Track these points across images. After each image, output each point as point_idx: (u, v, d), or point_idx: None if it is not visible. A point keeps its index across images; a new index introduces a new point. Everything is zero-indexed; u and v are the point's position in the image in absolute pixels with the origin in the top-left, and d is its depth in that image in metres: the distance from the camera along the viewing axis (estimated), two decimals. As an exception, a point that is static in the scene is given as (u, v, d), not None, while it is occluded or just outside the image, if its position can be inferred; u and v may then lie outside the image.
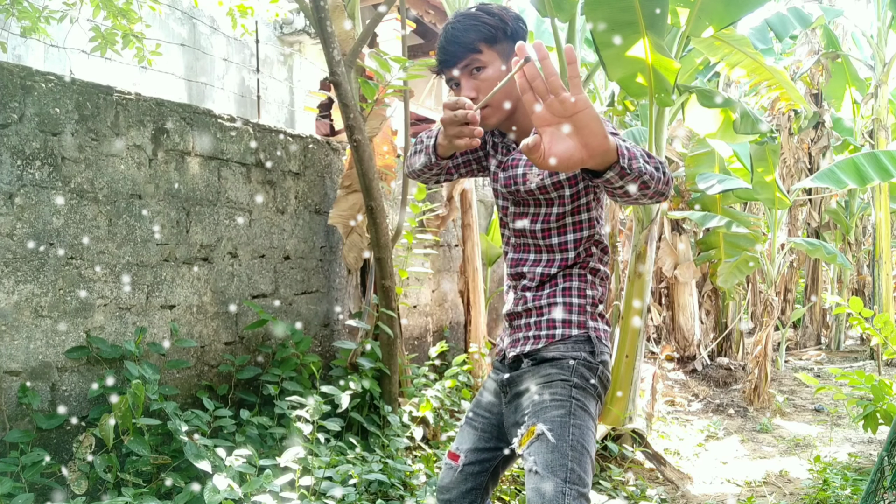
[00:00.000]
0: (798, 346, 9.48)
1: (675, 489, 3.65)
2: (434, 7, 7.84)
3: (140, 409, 2.39)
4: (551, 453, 1.51)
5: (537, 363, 1.66)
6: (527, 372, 1.67)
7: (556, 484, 1.47)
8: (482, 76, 1.63)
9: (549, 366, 1.64)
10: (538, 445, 1.53)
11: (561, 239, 1.68)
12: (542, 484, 1.48)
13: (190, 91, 6.92)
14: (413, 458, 3.43)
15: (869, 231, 10.65)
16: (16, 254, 2.37)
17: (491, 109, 1.64)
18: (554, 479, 1.48)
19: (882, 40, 7.79)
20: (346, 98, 3.30)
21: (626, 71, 3.75)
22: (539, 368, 1.65)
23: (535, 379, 1.64)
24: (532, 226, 1.70)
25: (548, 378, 1.62)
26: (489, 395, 1.80)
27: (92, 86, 2.62)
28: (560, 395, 1.58)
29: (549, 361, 1.65)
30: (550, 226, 1.68)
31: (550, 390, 1.60)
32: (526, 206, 1.71)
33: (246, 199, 3.27)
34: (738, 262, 6.37)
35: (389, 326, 3.49)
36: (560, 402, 1.57)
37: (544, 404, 1.58)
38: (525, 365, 1.68)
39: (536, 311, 1.69)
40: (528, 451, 1.55)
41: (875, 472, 2.34)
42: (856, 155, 6.28)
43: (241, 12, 4.77)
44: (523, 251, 1.75)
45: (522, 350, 1.70)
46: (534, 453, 1.53)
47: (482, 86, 1.63)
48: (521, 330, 1.72)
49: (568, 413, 1.55)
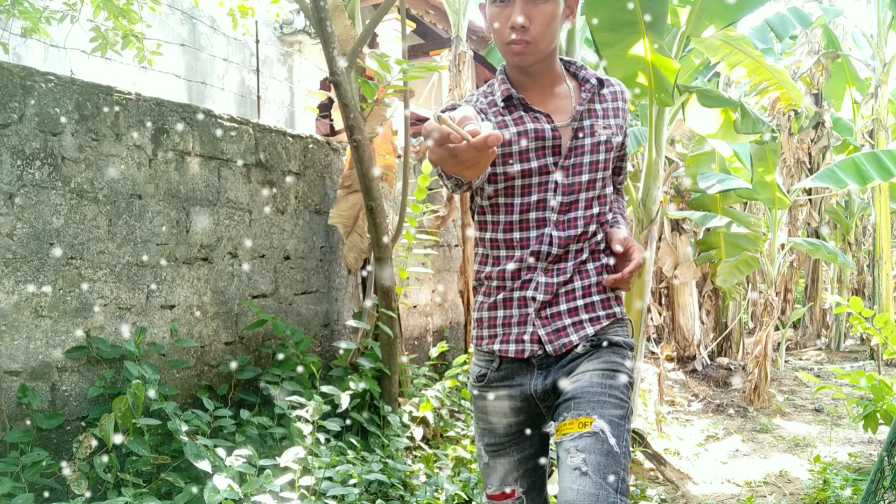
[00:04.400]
0: (798, 346, 9.48)
1: (675, 489, 3.65)
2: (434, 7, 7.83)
3: (140, 409, 2.39)
4: (605, 457, 1.38)
5: (597, 346, 1.51)
6: (582, 356, 1.51)
7: (609, 493, 1.34)
8: (543, 7, 1.46)
9: (611, 352, 1.51)
10: (592, 443, 1.39)
11: (599, 209, 1.57)
12: (595, 490, 1.34)
13: (190, 91, 6.92)
14: (413, 458, 3.43)
15: (869, 231, 10.64)
16: (16, 254, 2.37)
17: (534, 46, 1.47)
18: (606, 486, 1.35)
19: (882, 40, 7.79)
20: (346, 98, 3.30)
21: (626, 71, 3.75)
22: (600, 353, 1.50)
23: (593, 363, 1.49)
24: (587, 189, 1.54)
25: (612, 367, 1.48)
26: (501, 419, 1.58)
27: (92, 86, 2.62)
28: (621, 394, 1.46)
29: (612, 347, 1.51)
30: (596, 193, 1.55)
31: (613, 382, 1.46)
32: (579, 167, 1.53)
33: (246, 199, 3.27)
34: (738, 262, 6.37)
35: (389, 326, 3.49)
36: (620, 402, 1.45)
37: (603, 398, 1.44)
38: (581, 348, 1.51)
39: (584, 290, 1.54)
40: (575, 444, 1.40)
41: (875, 472, 2.34)
42: (856, 155, 6.28)
43: (242, 13, 4.77)
44: (567, 226, 1.53)
45: (584, 334, 1.51)
46: (585, 451, 1.38)
47: (538, 18, 1.45)
48: (563, 316, 1.53)
49: (625, 416, 1.44)
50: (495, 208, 1.56)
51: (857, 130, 8.85)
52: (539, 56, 1.51)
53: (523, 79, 1.58)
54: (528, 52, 1.48)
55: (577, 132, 1.54)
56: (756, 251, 6.39)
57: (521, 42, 1.47)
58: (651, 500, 3.38)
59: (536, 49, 1.48)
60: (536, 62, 1.52)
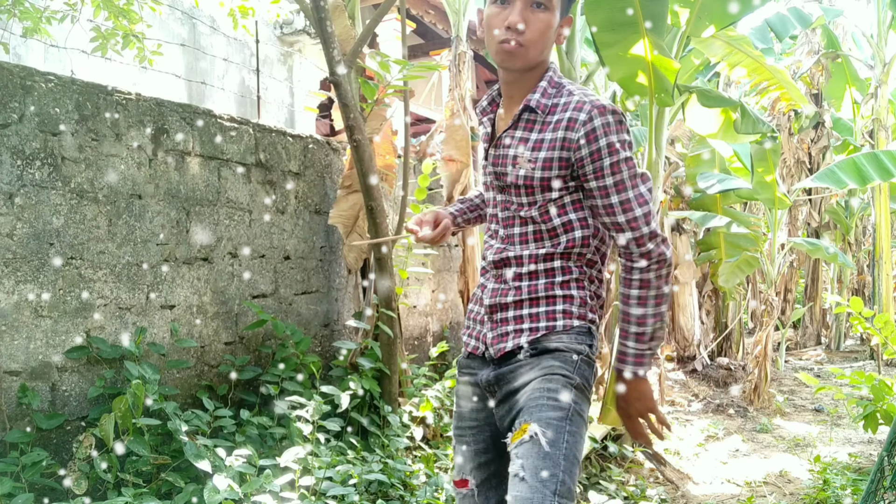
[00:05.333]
0: (798, 346, 9.48)
1: (675, 489, 3.65)
2: (434, 7, 7.83)
3: (140, 409, 2.39)
4: (542, 460, 1.39)
5: (537, 353, 1.53)
6: (524, 364, 1.53)
7: (545, 496, 1.35)
8: (540, 15, 1.49)
9: (550, 357, 1.51)
10: (529, 448, 1.41)
11: (555, 224, 1.55)
12: (529, 493, 1.36)
13: (190, 91, 6.92)
14: (413, 458, 3.43)
15: (869, 231, 10.64)
16: (16, 254, 2.37)
17: (525, 50, 1.49)
18: (543, 490, 1.36)
19: (882, 40, 7.79)
20: (346, 98, 3.30)
21: (626, 71, 3.75)
22: (539, 360, 1.52)
23: (533, 372, 1.51)
24: (523, 211, 1.56)
25: (549, 371, 1.49)
26: (467, 402, 1.65)
27: (92, 86, 2.62)
28: (559, 395, 1.46)
29: (552, 353, 1.52)
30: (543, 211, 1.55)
31: (550, 386, 1.47)
32: (512, 192, 1.58)
33: (246, 199, 3.27)
34: (738, 262, 6.37)
35: (389, 326, 3.49)
36: (558, 404, 1.45)
37: (541, 402, 1.46)
38: (522, 356, 1.54)
39: (531, 301, 1.55)
40: (516, 451, 1.43)
41: (875, 472, 2.34)
42: (856, 155, 6.28)
43: (242, 13, 4.77)
44: (511, 241, 1.59)
45: (517, 342, 1.54)
46: (523, 456, 1.41)
47: (534, 24, 1.48)
48: (510, 322, 1.56)
49: (566, 417, 1.44)
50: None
51: (857, 130, 8.85)
52: (527, 62, 1.52)
53: (505, 88, 1.62)
54: (519, 55, 1.51)
55: (495, 158, 1.59)
56: (756, 251, 6.39)
57: (515, 43, 1.49)
58: (651, 500, 3.38)
59: (527, 54, 1.50)
60: (523, 68, 1.54)
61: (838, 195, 9.09)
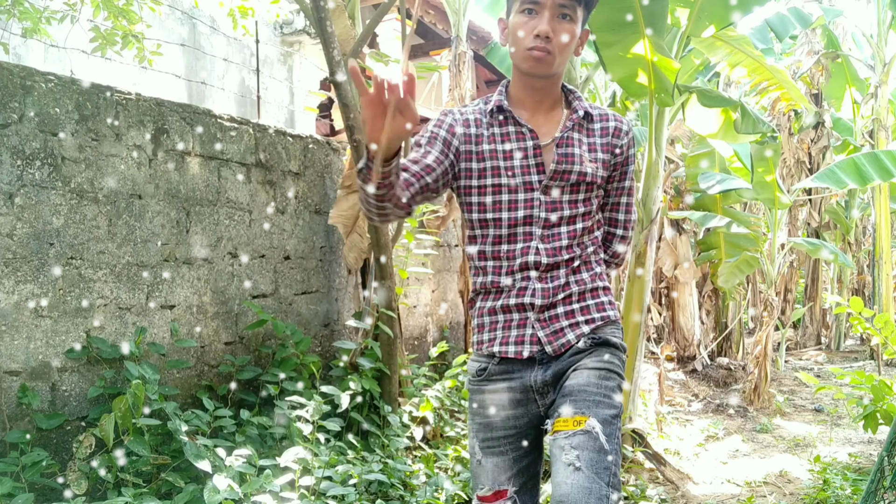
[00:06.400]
0: (798, 346, 9.48)
1: (675, 489, 3.65)
2: (434, 7, 7.83)
3: (140, 409, 2.39)
4: (598, 454, 1.46)
5: (597, 343, 1.60)
6: (583, 353, 1.60)
7: (601, 487, 1.43)
8: (567, 26, 1.58)
9: (606, 351, 1.60)
10: (585, 440, 1.47)
11: (584, 225, 1.67)
12: (588, 483, 1.43)
13: (190, 91, 6.92)
14: (413, 458, 3.43)
15: (869, 231, 10.64)
16: (16, 254, 2.37)
17: (552, 57, 1.57)
18: (599, 481, 1.43)
19: (882, 40, 7.79)
20: (346, 98, 3.30)
21: (626, 71, 3.75)
22: (598, 350, 1.60)
23: (591, 361, 1.58)
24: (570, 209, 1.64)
25: (607, 366, 1.58)
26: (501, 411, 1.63)
27: (92, 86, 2.62)
28: (613, 394, 1.55)
29: (608, 346, 1.61)
30: (580, 212, 1.66)
31: (608, 384, 1.56)
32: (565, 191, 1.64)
33: (246, 199, 3.27)
34: (738, 262, 6.37)
35: (389, 326, 3.49)
36: (611, 402, 1.54)
37: (597, 398, 1.53)
38: (583, 344, 1.60)
39: (580, 296, 1.64)
40: (570, 441, 1.48)
41: (875, 472, 2.34)
42: (856, 155, 6.28)
43: (242, 13, 4.77)
44: (553, 239, 1.64)
45: (579, 332, 1.60)
46: (579, 447, 1.46)
47: (561, 33, 1.57)
48: (560, 319, 1.61)
49: (616, 416, 1.53)
50: (483, 223, 1.65)
51: (857, 130, 8.85)
52: (553, 69, 1.61)
53: (525, 95, 1.68)
54: (547, 62, 1.58)
55: (560, 156, 1.64)
56: (756, 251, 6.39)
57: (543, 49, 1.57)
58: (651, 500, 3.38)
59: (553, 61, 1.59)
60: (549, 75, 1.63)
61: (838, 195, 9.09)
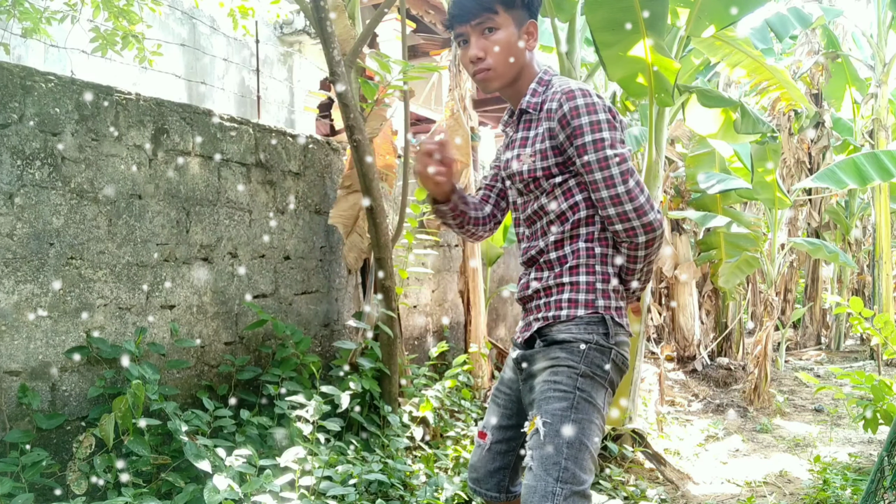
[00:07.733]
0: (798, 346, 9.48)
1: (675, 489, 3.65)
2: (434, 7, 7.84)
3: (140, 409, 2.39)
4: (545, 449, 1.50)
5: (548, 344, 1.63)
6: (538, 353, 1.65)
7: (547, 483, 1.46)
8: (493, 38, 1.62)
9: (558, 348, 1.61)
10: (536, 440, 1.52)
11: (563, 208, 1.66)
12: (535, 482, 1.48)
13: (190, 91, 6.93)
14: (413, 458, 3.43)
15: (869, 231, 10.64)
16: (16, 254, 2.37)
17: (494, 72, 1.65)
18: (546, 477, 1.47)
19: (882, 40, 7.79)
20: (346, 98, 3.30)
21: (626, 71, 3.75)
22: (549, 350, 1.62)
23: (543, 361, 1.62)
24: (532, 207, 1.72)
25: (555, 363, 1.59)
26: (509, 372, 1.80)
27: (92, 86, 2.62)
28: (564, 386, 1.55)
29: (559, 344, 1.61)
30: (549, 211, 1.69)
31: (556, 378, 1.57)
32: (522, 192, 1.75)
33: (246, 199, 3.27)
34: (738, 262, 6.37)
35: (389, 326, 3.49)
36: (563, 394, 1.54)
37: (547, 394, 1.56)
38: (538, 345, 1.66)
39: (545, 291, 1.67)
40: (528, 443, 1.55)
41: (875, 472, 2.34)
42: (856, 155, 6.28)
43: (242, 13, 4.77)
44: (535, 236, 1.73)
45: (524, 335, 1.70)
46: (531, 447, 1.53)
47: (490, 48, 1.63)
48: (531, 312, 1.70)
49: (570, 406, 1.53)
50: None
51: (857, 130, 8.85)
52: (503, 79, 1.67)
53: (508, 101, 1.78)
54: (490, 78, 1.66)
55: (506, 162, 1.74)
56: (756, 251, 6.39)
57: (482, 71, 1.65)
58: (651, 500, 3.38)
59: (497, 73, 1.65)
60: (503, 86, 1.69)
61: (838, 195, 9.09)
